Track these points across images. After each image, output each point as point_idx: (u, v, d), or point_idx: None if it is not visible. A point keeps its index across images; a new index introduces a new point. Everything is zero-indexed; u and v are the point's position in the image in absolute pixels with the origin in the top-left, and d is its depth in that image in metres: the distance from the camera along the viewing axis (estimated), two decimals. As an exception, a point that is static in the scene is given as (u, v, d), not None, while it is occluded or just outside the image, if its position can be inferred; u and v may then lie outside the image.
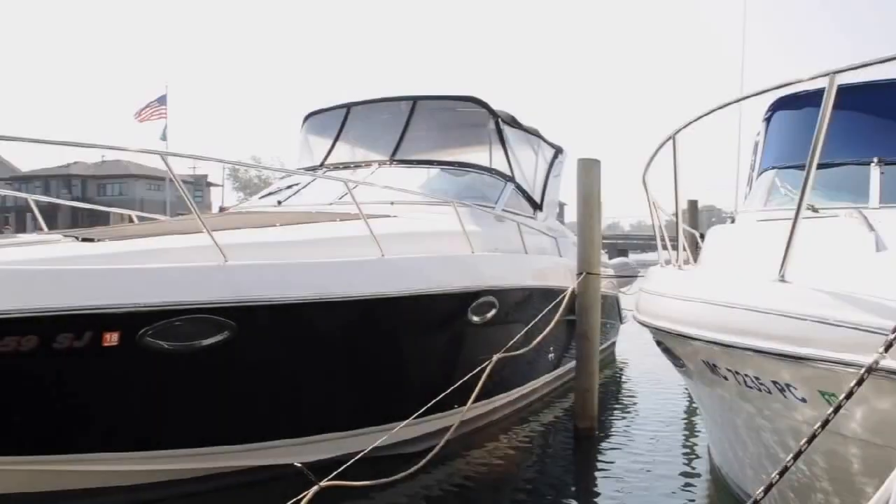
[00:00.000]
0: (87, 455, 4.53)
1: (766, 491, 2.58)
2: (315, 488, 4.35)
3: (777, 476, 2.56)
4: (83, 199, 58.43)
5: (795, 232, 3.18)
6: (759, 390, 3.55)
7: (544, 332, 6.87)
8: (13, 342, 3.80)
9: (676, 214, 4.92)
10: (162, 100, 39.79)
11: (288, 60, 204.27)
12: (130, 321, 4.10)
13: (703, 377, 4.29)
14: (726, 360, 3.72)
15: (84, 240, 4.66)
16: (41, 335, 3.87)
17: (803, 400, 3.24)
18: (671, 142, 4.53)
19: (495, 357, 6.04)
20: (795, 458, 2.55)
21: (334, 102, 9.14)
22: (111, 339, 4.08)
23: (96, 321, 3.99)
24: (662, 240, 5.59)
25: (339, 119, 8.81)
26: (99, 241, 4.63)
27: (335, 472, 4.52)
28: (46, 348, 3.91)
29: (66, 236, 4.82)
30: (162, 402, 4.62)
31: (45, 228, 6.26)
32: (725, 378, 3.85)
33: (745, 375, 3.60)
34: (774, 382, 3.37)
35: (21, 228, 49.98)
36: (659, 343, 5.04)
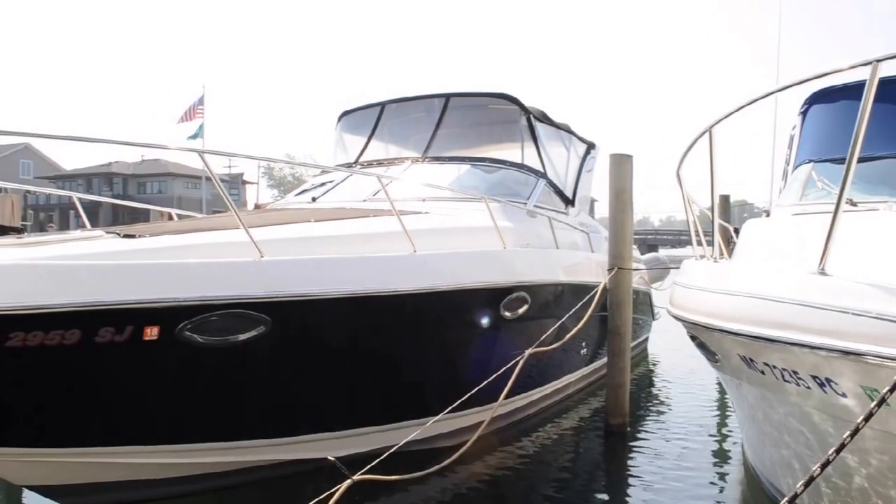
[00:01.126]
0: (126, 448, 4.61)
1: (808, 484, 2.55)
2: (348, 482, 4.39)
3: (818, 469, 2.54)
4: (123, 197, 59.32)
5: (836, 224, 3.13)
6: (798, 385, 3.51)
7: (576, 328, 6.86)
8: (58, 336, 3.88)
9: (712, 208, 4.88)
10: (200, 100, 40.45)
11: (319, 59, 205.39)
12: (169, 315, 4.16)
13: (739, 372, 4.25)
14: (763, 355, 3.69)
15: (125, 236, 4.74)
16: (84, 329, 3.94)
17: (844, 395, 3.21)
18: (706, 136, 4.50)
19: (527, 352, 6.04)
20: (837, 452, 2.52)
21: (366, 101, 9.23)
22: (151, 333, 4.14)
23: (137, 315, 4.06)
24: (697, 234, 5.55)
25: (373, 117, 8.88)
26: (139, 237, 4.70)
27: (368, 467, 4.57)
28: (89, 342, 3.98)
29: (108, 233, 4.90)
30: (199, 395, 4.68)
31: (88, 225, 6.36)
32: (762, 373, 3.82)
33: (783, 370, 3.56)
34: (814, 377, 3.33)
35: (64, 225, 50.89)
36: (693, 337, 5.01)
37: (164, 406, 4.60)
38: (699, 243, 5.51)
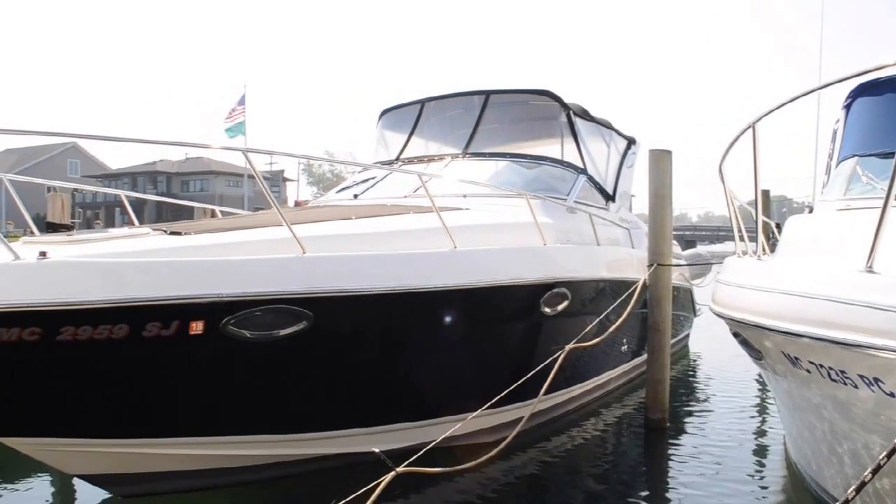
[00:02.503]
0: (171, 439, 4.72)
1: (859, 490, 2.51)
2: (392, 474, 4.47)
3: (870, 475, 2.50)
4: (167, 195, 60.11)
5: (885, 221, 3.10)
6: (844, 384, 3.47)
7: (616, 324, 6.85)
8: (106, 330, 3.99)
9: (756, 204, 4.84)
10: (241, 100, 40.91)
11: (357, 58, 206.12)
12: (214, 311, 4.24)
13: (783, 370, 4.22)
14: (809, 353, 3.65)
15: (171, 233, 4.84)
16: (131, 324, 4.05)
17: (892, 394, 3.17)
18: (748, 131, 4.46)
19: (566, 348, 6.05)
20: (889, 455, 2.48)
21: (405, 99, 9.28)
22: (196, 327, 4.23)
23: (183, 311, 4.15)
24: (739, 230, 5.51)
25: (414, 114, 8.93)
26: (185, 234, 4.80)
27: (410, 460, 4.62)
28: (136, 336, 4.08)
29: (154, 230, 5.00)
30: (243, 389, 4.77)
31: (136, 222, 6.49)
32: (807, 371, 3.79)
33: (829, 368, 3.53)
34: (861, 376, 3.29)
35: (110, 223, 51.75)
36: (736, 335, 4.98)
37: (208, 399, 4.70)
38: (741, 239, 5.47)
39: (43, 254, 3.84)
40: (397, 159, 8.65)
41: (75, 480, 5.68)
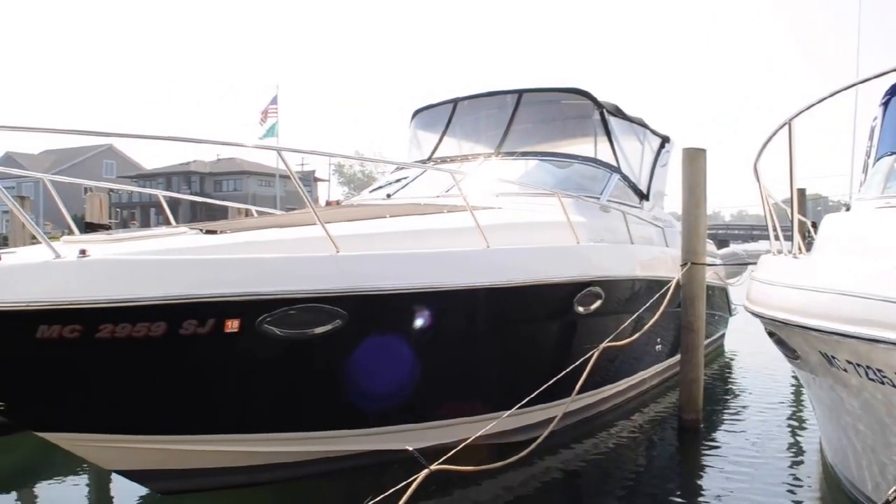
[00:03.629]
0: (210, 436, 4.77)
1: None
2: (426, 472, 4.48)
3: None
4: (201, 195, 60.76)
5: None
6: (883, 383, 3.43)
7: (649, 324, 6.81)
8: (144, 328, 4.04)
9: (791, 202, 4.79)
10: (273, 100, 41.22)
11: (387, 58, 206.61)
12: (250, 309, 4.29)
13: (820, 369, 4.18)
14: (847, 352, 3.61)
15: (207, 232, 4.89)
16: (169, 322, 4.10)
17: None
18: (784, 129, 4.42)
19: (599, 348, 6.03)
20: None
21: (435, 99, 9.30)
22: (232, 325, 4.27)
23: (219, 308, 4.20)
24: (774, 229, 5.45)
25: (447, 114, 8.93)
26: (221, 233, 4.85)
27: (444, 458, 4.64)
28: (173, 334, 4.14)
29: (190, 229, 5.06)
30: (278, 387, 4.81)
31: (173, 222, 6.57)
32: (845, 370, 3.74)
33: (868, 368, 3.49)
34: None
35: (146, 222, 52.41)
36: (771, 334, 4.93)
37: (244, 396, 4.75)
38: (777, 238, 5.41)
39: (83, 252, 3.90)
40: (430, 159, 8.67)
41: (113, 476, 5.77)
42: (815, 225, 8.08)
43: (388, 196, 7.75)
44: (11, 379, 4.02)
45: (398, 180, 8.15)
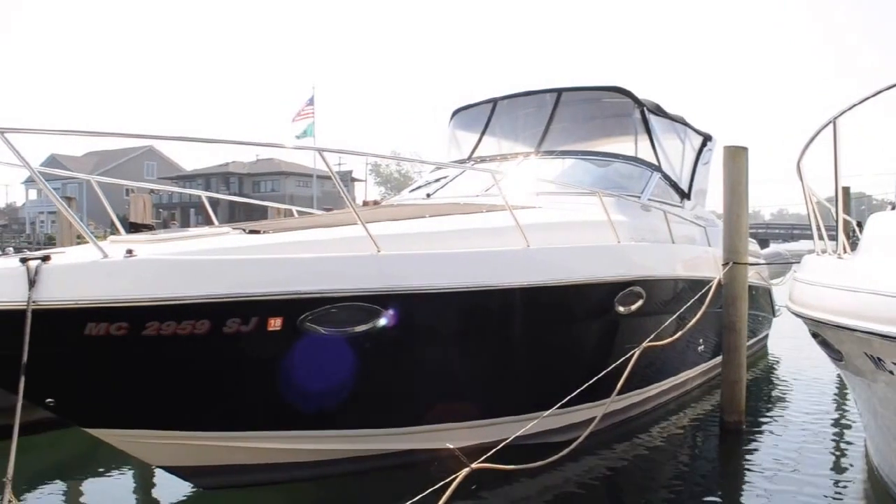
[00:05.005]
0: (253, 433, 4.84)
1: None
2: (466, 469, 4.49)
3: None
4: (240, 196, 61.39)
5: None
6: None
7: (690, 324, 6.75)
8: (189, 326, 4.11)
9: (836, 201, 4.72)
10: (310, 101, 41.47)
11: (427, 59, 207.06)
12: (292, 307, 4.34)
13: (865, 371, 4.12)
14: (893, 354, 3.56)
15: (250, 232, 4.96)
16: (213, 320, 4.16)
17: None
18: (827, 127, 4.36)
19: (640, 348, 5.99)
20: None
21: (477, 99, 9.28)
22: (275, 324, 4.33)
23: (262, 307, 4.25)
24: (818, 228, 5.37)
25: (486, 113, 8.93)
26: (264, 233, 4.92)
27: (485, 456, 4.65)
28: (217, 332, 4.20)
29: (234, 229, 5.13)
30: (319, 385, 4.84)
31: (216, 222, 6.65)
32: (891, 373, 3.69)
33: None
34: None
35: (186, 222, 53.06)
36: (815, 335, 4.86)
37: (286, 394, 4.79)
38: (820, 238, 5.33)
39: (130, 252, 3.97)
40: (469, 158, 8.67)
41: (156, 472, 5.87)
42: (859, 224, 7.94)
43: (428, 196, 7.77)
44: (60, 375, 4.10)
45: (437, 180, 8.16)
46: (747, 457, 6.46)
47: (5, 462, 3.69)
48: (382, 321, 4.63)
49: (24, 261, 3.73)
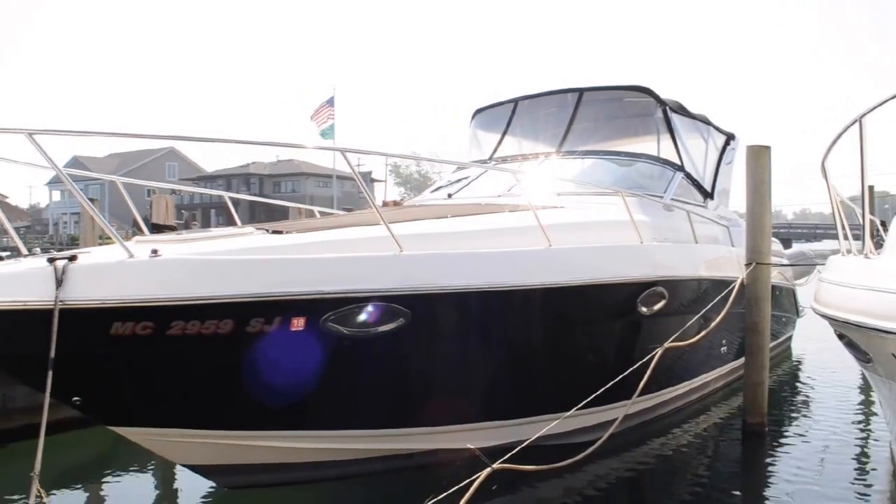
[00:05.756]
0: (276, 432, 4.86)
1: None
2: (488, 470, 4.49)
3: None
4: (260, 196, 61.61)
5: None
6: None
7: (712, 325, 6.70)
8: (213, 325, 4.13)
9: (863, 201, 4.68)
10: (330, 101, 41.56)
11: (445, 60, 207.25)
12: (315, 307, 4.35)
13: (893, 373, 4.07)
14: None
15: (273, 232, 4.98)
16: (236, 319, 4.18)
17: None
18: (851, 127, 4.32)
19: (662, 348, 5.96)
20: None
21: (499, 98, 9.26)
22: (298, 323, 4.34)
23: (285, 307, 4.27)
24: (843, 228, 5.32)
25: (507, 113, 8.90)
26: (286, 233, 4.94)
27: (506, 457, 4.64)
28: (241, 331, 4.22)
29: (257, 229, 5.15)
30: (342, 384, 4.87)
31: (239, 222, 6.69)
32: None
33: None
34: None
35: (206, 223, 53.37)
36: (841, 336, 4.82)
37: (309, 393, 4.80)
38: (846, 238, 5.28)
39: (155, 252, 4.00)
40: (491, 158, 8.66)
41: (177, 471, 5.92)
42: (883, 224, 7.87)
43: (450, 196, 7.76)
44: (86, 374, 4.13)
45: (459, 180, 8.16)
46: (769, 459, 6.42)
47: (32, 459, 3.74)
48: (405, 321, 4.64)
49: (51, 261, 3.77)
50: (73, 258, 3.84)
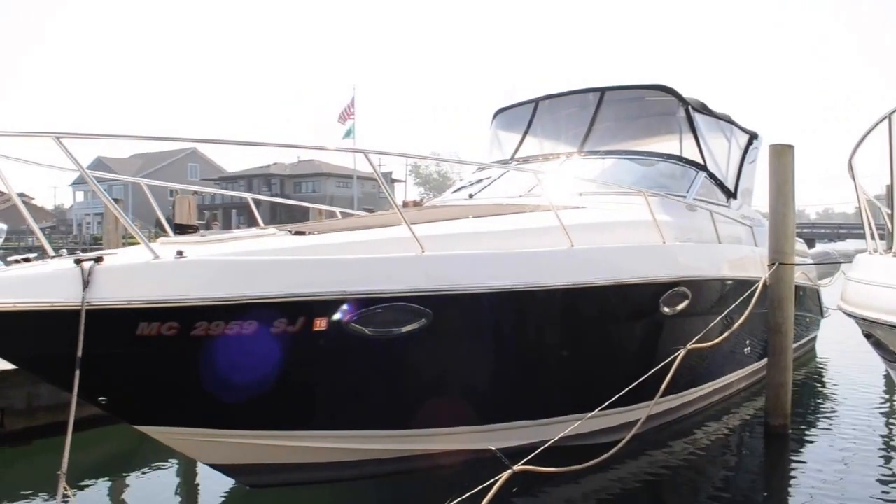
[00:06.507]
0: (298, 432, 4.87)
1: None
2: (509, 472, 4.48)
3: None
4: (281, 197, 61.90)
5: None
6: None
7: (736, 325, 6.66)
8: (237, 326, 4.16)
9: (891, 199, 4.63)
10: (351, 102, 41.80)
11: (466, 59, 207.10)
12: (338, 308, 4.36)
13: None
14: None
15: (296, 233, 5.00)
16: (260, 320, 4.20)
17: None
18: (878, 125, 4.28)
19: (683, 350, 5.92)
20: None
21: (518, 98, 9.26)
22: (321, 324, 4.36)
23: (309, 308, 4.29)
24: (870, 227, 5.27)
25: (528, 113, 8.89)
26: (309, 234, 4.96)
27: (527, 458, 4.63)
28: (264, 332, 4.24)
29: (280, 230, 5.17)
30: (364, 385, 4.88)
31: (261, 223, 6.72)
32: None
33: None
34: None
35: (227, 224, 53.74)
36: (868, 336, 4.77)
37: (331, 394, 4.83)
38: (872, 237, 5.23)
39: (180, 253, 4.03)
40: (512, 158, 8.65)
41: (199, 469, 5.96)
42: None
43: (471, 196, 7.75)
44: (112, 374, 4.17)
45: (480, 181, 8.15)
46: (792, 461, 6.38)
47: (56, 456, 3.79)
48: (427, 322, 4.64)
49: (78, 262, 3.81)
50: (99, 259, 3.87)
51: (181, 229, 9.46)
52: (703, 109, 8.40)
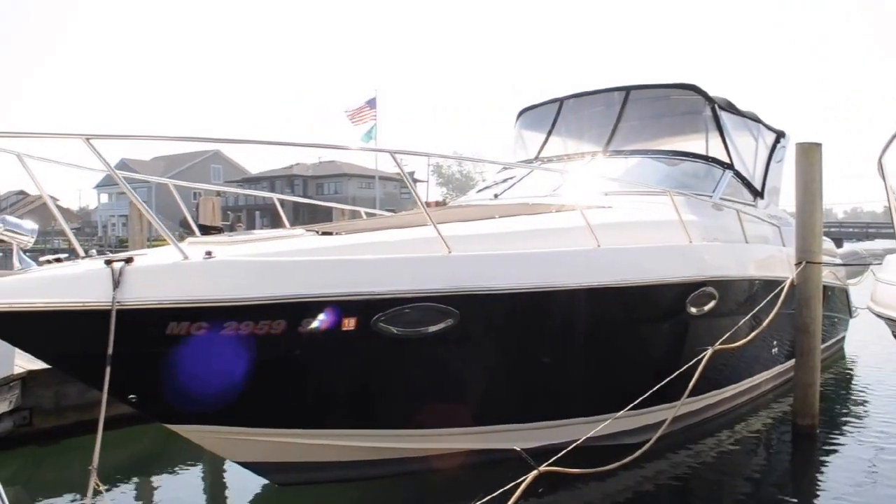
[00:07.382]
0: (326, 430, 4.91)
1: None
2: (534, 472, 4.48)
3: None
4: (304, 197, 62.12)
5: None
6: None
7: (763, 325, 6.61)
8: (266, 326, 4.19)
9: None
10: (371, 103, 41.73)
11: (489, 60, 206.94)
12: (366, 308, 4.39)
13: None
14: None
15: (323, 233, 5.03)
16: (289, 319, 4.23)
17: None
18: None
19: (712, 349, 5.89)
20: None
21: (545, 98, 9.23)
22: (349, 324, 4.38)
23: (337, 308, 4.31)
24: None
25: (552, 113, 8.87)
26: (336, 234, 4.99)
27: (553, 459, 4.62)
28: (293, 332, 4.27)
29: (307, 230, 5.20)
30: (391, 384, 4.90)
31: (288, 224, 6.77)
32: None
33: None
34: None
35: (251, 225, 54.05)
36: None
37: (359, 393, 4.85)
38: None
39: (209, 254, 4.06)
40: (536, 158, 8.64)
41: (227, 466, 6.00)
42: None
43: (496, 196, 7.75)
44: (142, 373, 4.21)
45: (505, 180, 8.14)
46: (820, 462, 6.33)
47: (84, 454, 3.85)
48: (453, 321, 4.65)
49: (108, 262, 3.85)
50: (129, 260, 3.92)
51: (205, 230, 9.54)
52: (730, 108, 8.33)
